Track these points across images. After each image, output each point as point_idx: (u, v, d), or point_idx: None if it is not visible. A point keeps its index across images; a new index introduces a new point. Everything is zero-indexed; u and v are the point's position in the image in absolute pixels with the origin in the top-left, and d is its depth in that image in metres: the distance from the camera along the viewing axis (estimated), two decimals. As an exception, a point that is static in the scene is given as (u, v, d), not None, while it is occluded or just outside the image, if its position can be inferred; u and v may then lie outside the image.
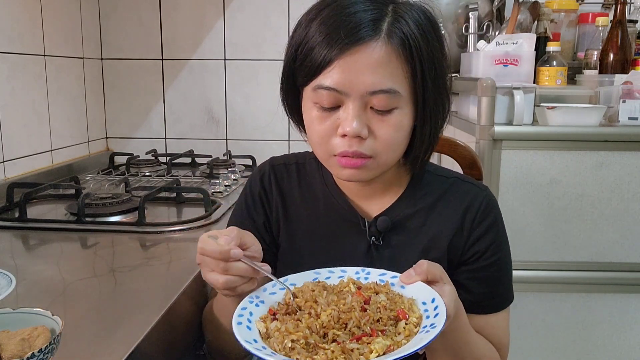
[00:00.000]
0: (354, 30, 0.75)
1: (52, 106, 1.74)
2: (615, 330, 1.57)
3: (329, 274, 0.79)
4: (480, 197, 0.89)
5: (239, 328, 0.67)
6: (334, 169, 0.83)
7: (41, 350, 0.58)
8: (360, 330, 0.66)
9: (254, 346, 0.63)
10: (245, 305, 0.72)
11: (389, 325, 0.67)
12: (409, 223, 0.88)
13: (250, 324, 0.69)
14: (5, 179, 1.51)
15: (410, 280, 0.73)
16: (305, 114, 0.83)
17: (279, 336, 0.66)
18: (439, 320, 0.65)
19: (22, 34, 1.59)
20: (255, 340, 0.66)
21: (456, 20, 1.90)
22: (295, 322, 0.68)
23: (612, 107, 1.54)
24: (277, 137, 2.09)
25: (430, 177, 0.91)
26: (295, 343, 0.64)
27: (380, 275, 0.77)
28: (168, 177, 1.73)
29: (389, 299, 0.71)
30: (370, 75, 0.75)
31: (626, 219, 1.51)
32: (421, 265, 0.73)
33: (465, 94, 1.73)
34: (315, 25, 0.78)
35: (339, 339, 0.65)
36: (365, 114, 0.77)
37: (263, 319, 0.70)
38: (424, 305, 0.70)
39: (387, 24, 0.76)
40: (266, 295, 0.75)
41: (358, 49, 0.75)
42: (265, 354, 0.62)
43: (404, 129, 0.80)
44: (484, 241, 0.87)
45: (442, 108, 0.82)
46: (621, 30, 1.66)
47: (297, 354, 0.62)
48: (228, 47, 2.05)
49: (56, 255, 1.09)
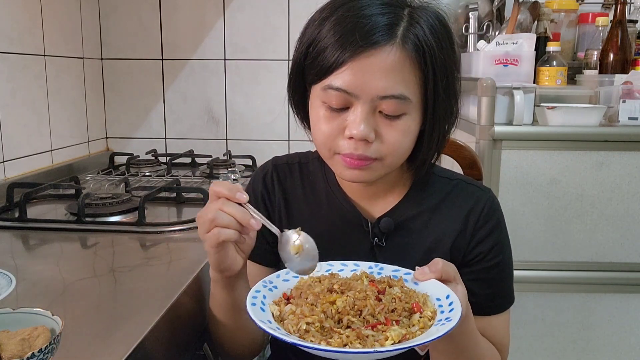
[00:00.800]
0: (369, 33, 0.74)
1: (52, 106, 1.74)
2: (615, 330, 1.57)
3: (342, 267, 0.80)
4: (483, 199, 0.89)
5: (253, 309, 0.67)
6: (337, 168, 0.82)
7: (41, 350, 0.58)
8: (374, 319, 0.66)
9: (268, 326, 0.63)
10: (259, 288, 0.73)
11: (403, 317, 0.67)
12: (412, 224, 0.88)
13: (264, 306, 0.70)
14: (5, 179, 1.50)
15: (424, 277, 0.73)
16: (312, 112, 0.82)
17: (294, 318, 0.66)
18: (455, 314, 0.65)
19: (22, 34, 1.59)
20: (269, 321, 0.66)
21: (456, 20, 1.90)
22: (310, 306, 0.68)
23: (612, 107, 1.54)
24: (277, 137, 2.09)
25: (433, 178, 0.91)
26: (310, 326, 0.64)
27: (394, 271, 0.77)
28: (168, 177, 1.73)
29: (403, 292, 0.71)
30: (382, 80, 0.74)
31: (626, 219, 1.51)
32: (436, 263, 0.73)
33: (465, 94, 1.73)
34: (329, 25, 0.77)
35: (353, 326, 0.65)
36: (373, 117, 0.77)
37: (277, 303, 0.71)
38: (438, 301, 0.70)
39: (402, 29, 0.75)
40: (279, 281, 0.76)
41: (372, 53, 0.74)
42: (280, 334, 0.62)
43: (411, 134, 0.79)
44: (486, 243, 0.87)
45: (450, 113, 0.82)
46: (621, 30, 1.66)
47: (311, 336, 0.63)
48: (228, 47, 2.05)
49: (56, 255, 1.09)
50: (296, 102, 0.87)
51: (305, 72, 0.81)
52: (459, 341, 0.77)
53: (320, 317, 0.65)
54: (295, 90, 0.85)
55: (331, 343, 0.62)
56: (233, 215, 0.72)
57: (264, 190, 0.93)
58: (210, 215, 0.72)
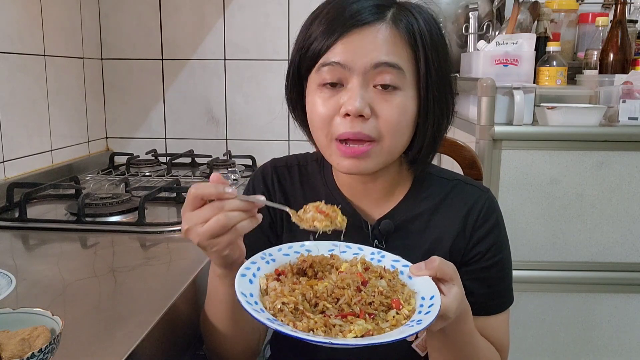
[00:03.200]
0: (357, 14, 0.76)
1: (52, 106, 1.74)
2: (616, 330, 1.57)
3: (345, 249, 0.80)
4: (482, 199, 0.89)
5: (240, 280, 0.68)
6: (335, 159, 0.81)
7: (41, 350, 0.58)
8: (349, 309, 0.67)
9: (246, 299, 0.64)
10: (256, 260, 0.73)
11: (380, 311, 0.67)
12: (411, 226, 0.88)
13: (254, 278, 0.70)
14: (5, 179, 1.51)
15: (419, 272, 0.72)
16: (309, 101, 0.82)
17: (274, 296, 0.67)
18: (427, 318, 0.64)
19: (22, 34, 1.59)
20: (252, 294, 0.67)
21: (456, 20, 1.89)
22: (292, 286, 0.69)
23: (612, 107, 1.54)
24: (277, 137, 2.09)
25: (432, 179, 0.91)
26: (285, 306, 0.65)
27: (394, 261, 0.77)
28: (168, 177, 1.73)
29: (390, 286, 0.71)
30: (374, 51, 0.76)
31: (626, 219, 1.51)
32: (433, 261, 0.72)
33: (465, 94, 1.73)
34: (318, 20, 0.79)
35: (327, 312, 0.66)
36: (368, 93, 0.77)
37: (267, 276, 0.71)
38: (422, 300, 0.69)
39: (392, 11, 0.78)
40: (279, 255, 0.76)
41: (362, 29, 0.76)
42: (252, 309, 0.63)
43: (407, 113, 0.79)
44: (485, 242, 0.87)
45: (445, 104, 0.82)
46: (621, 30, 1.66)
47: (283, 316, 0.64)
48: (228, 47, 2.05)
49: (56, 255, 1.09)
50: (294, 103, 0.87)
51: (301, 65, 0.82)
52: (455, 340, 0.76)
53: (297, 299, 0.66)
54: (292, 90, 0.86)
55: (297, 326, 0.62)
56: (239, 209, 0.70)
57: (265, 190, 0.93)
58: (222, 222, 0.68)
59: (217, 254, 0.72)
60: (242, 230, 0.71)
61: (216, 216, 0.69)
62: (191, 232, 0.70)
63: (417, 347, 0.88)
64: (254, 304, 0.65)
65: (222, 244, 0.71)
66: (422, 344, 0.88)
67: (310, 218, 0.75)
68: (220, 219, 0.69)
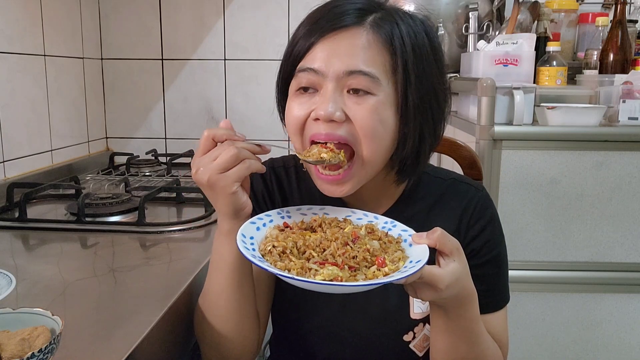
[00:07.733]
0: (337, 17, 0.76)
1: (52, 106, 1.74)
2: (615, 330, 1.57)
3: (362, 216, 0.82)
4: (475, 197, 0.89)
5: (247, 225, 0.75)
6: (316, 181, 0.82)
7: (41, 350, 0.58)
8: (333, 259, 0.69)
9: (243, 239, 0.71)
10: (271, 213, 0.79)
11: (362, 266, 0.69)
12: (408, 226, 0.88)
13: (264, 227, 0.76)
14: (5, 179, 1.51)
15: (419, 240, 0.73)
16: (286, 108, 0.83)
17: (268, 240, 0.73)
18: (398, 275, 0.65)
19: (22, 34, 1.59)
20: (252, 237, 0.73)
21: (456, 20, 1.90)
22: (291, 235, 0.74)
23: (612, 107, 1.54)
24: (277, 137, 2.08)
25: (428, 178, 0.91)
26: (275, 249, 0.71)
27: (402, 231, 0.78)
28: (168, 177, 1.73)
29: (382, 248, 0.73)
30: (348, 57, 0.75)
31: (626, 219, 1.51)
32: (434, 231, 0.72)
33: (465, 94, 1.73)
34: (304, 23, 0.80)
35: (312, 261, 0.69)
36: (341, 97, 0.76)
37: (276, 227, 0.77)
38: (409, 264, 0.69)
39: (373, 16, 0.78)
40: (297, 214, 0.81)
41: (339, 33, 0.76)
42: (243, 247, 0.68)
43: (382, 120, 0.76)
44: (480, 239, 0.87)
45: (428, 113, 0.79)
46: (621, 30, 1.66)
47: (270, 256, 0.69)
48: (228, 47, 2.05)
49: (56, 255, 1.09)
50: (283, 109, 0.87)
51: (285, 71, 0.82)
52: (459, 325, 0.76)
53: (286, 245, 0.71)
54: (281, 96, 0.86)
55: (277, 265, 0.67)
56: (248, 149, 0.74)
57: (265, 190, 0.93)
58: (233, 152, 0.72)
59: (225, 190, 0.74)
60: (250, 167, 0.74)
61: (227, 149, 0.72)
62: (201, 171, 0.73)
63: (414, 348, 0.88)
64: (250, 245, 0.70)
65: (232, 177, 0.73)
66: (420, 344, 0.88)
67: (316, 152, 0.77)
68: (231, 150, 0.72)
